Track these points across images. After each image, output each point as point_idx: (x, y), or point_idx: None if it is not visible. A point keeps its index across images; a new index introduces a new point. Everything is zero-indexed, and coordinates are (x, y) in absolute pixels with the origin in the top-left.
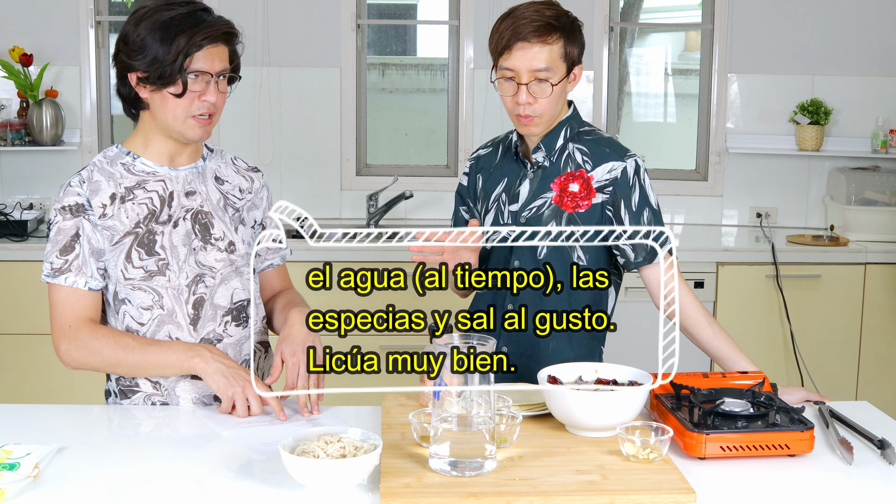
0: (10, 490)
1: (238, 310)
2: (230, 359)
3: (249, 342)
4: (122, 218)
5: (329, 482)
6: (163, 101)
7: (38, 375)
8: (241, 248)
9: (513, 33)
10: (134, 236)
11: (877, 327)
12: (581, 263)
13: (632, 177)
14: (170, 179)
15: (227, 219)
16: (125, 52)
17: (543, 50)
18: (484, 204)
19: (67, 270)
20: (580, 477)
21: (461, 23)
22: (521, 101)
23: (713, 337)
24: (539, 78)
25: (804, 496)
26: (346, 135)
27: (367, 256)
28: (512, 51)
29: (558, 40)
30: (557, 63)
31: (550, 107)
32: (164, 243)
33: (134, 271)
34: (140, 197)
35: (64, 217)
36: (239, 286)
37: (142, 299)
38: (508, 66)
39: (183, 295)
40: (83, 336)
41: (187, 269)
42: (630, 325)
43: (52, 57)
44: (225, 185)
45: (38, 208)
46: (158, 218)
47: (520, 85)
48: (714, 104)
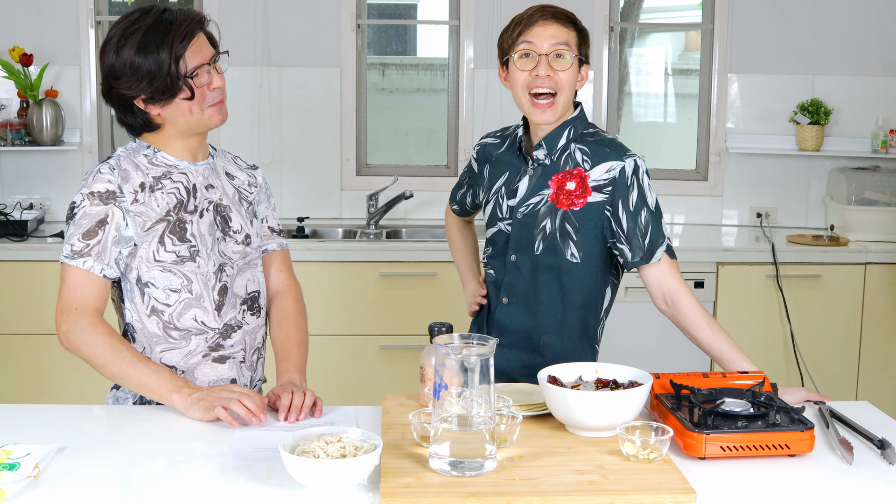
0: (10, 490)
1: (252, 299)
2: (209, 388)
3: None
4: (154, 206)
5: (329, 482)
6: (177, 109)
7: (38, 375)
8: (255, 241)
9: (532, 16)
10: (166, 223)
11: (877, 327)
12: (575, 261)
13: (630, 176)
14: (191, 173)
15: (242, 212)
16: (120, 84)
17: (562, 30)
18: (486, 194)
19: (87, 254)
20: (580, 477)
21: (461, 23)
22: (542, 73)
23: (713, 337)
24: (558, 53)
25: (804, 496)
26: (346, 135)
27: (368, 256)
28: (533, 27)
29: (574, 32)
30: (573, 47)
31: (568, 85)
32: (193, 231)
33: (165, 255)
34: (168, 187)
35: (92, 202)
36: (251, 277)
37: (170, 281)
38: (528, 39)
39: (210, 281)
40: (84, 324)
41: (214, 258)
42: (630, 325)
43: (52, 57)
44: (235, 179)
45: (38, 208)
46: (186, 207)
47: (539, 56)
48: (714, 104)
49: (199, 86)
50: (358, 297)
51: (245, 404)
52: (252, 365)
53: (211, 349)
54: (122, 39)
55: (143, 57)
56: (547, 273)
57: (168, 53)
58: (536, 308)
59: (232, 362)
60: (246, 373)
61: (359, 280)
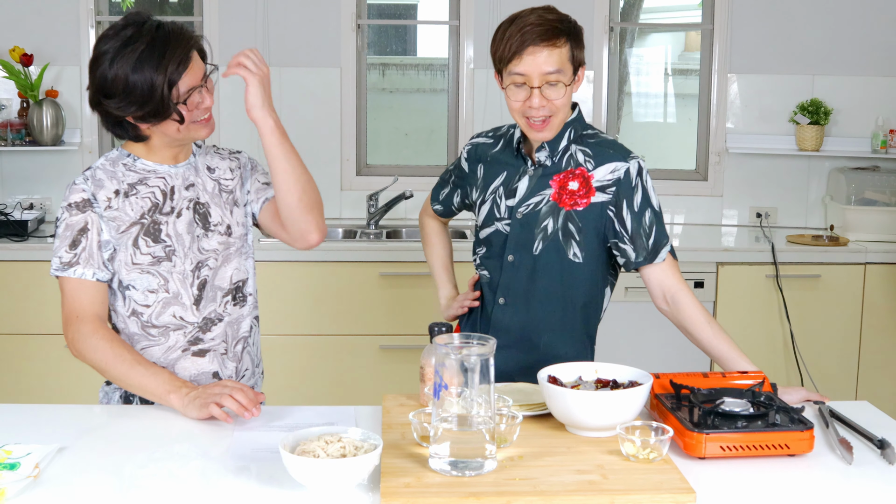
0: (10, 490)
1: (236, 289)
2: (204, 386)
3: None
4: (127, 210)
5: (329, 482)
6: (166, 128)
7: (38, 375)
8: (236, 231)
9: (521, 40)
10: (140, 226)
11: (877, 327)
12: (577, 261)
13: (634, 177)
14: (170, 176)
15: (222, 204)
16: (111, 103)
17: (553, 53)
18: (481, 195)
19: (76, 263)
20: (580, 477)
21: (461, 23)
22: (535, 104)
23: (713, 337)
24: (550, 81)
25: (804, 496)
26: (346, 135)
27: (368, 256)
28: (522, 56)
29: (565, 43)
30: (566, 65)
31: (562, 107)
32: (169, 232)
33: (142, 257)
34: (143, 192)
35: (71, 213)
36: (238, 266)
37: (148, 283)
38: (519, 72)
39: (188, 279)
40: (86, 330)
41: (192, 256)
42: (630, 325)
43: (52, 57)
44: (216, 172)
45: (38, 208)
46: (162, 210)
47: (532, 89)
48: (714, 104)
49: (190, 108)
50: (358, 297)
51: (237, 398)
52: (236, 356)
53: (190, 343)
54: (116, 57)
55: (137, 80)
56: (546, 273)
57: (163, 77)
58: (535, 308)
59: (213, 355)
60: (229, 364)
61: (359, 280)
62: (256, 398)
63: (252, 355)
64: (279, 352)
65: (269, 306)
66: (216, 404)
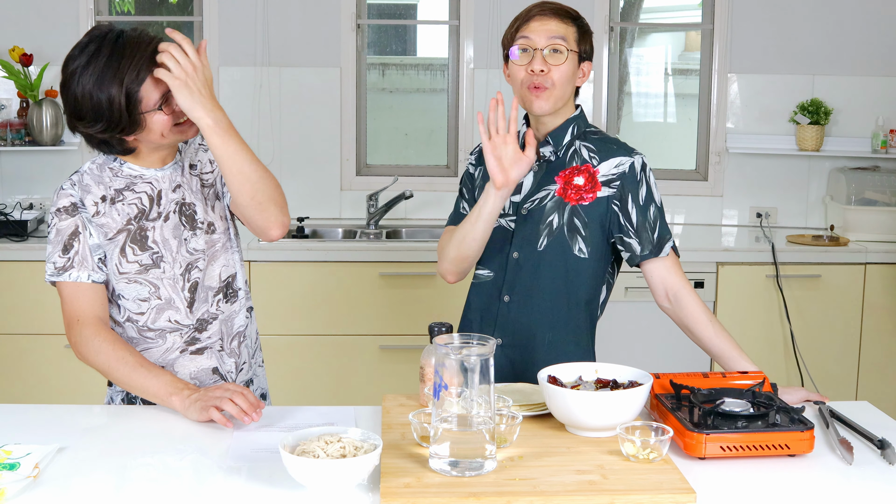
0: (10, 490)
1: (226, 286)
2: (206, 388)
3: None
4: (114, 216)
5: (329, 482)
6: (149, 135)
7: (38, 375)
8: (219, 227)
9: (534, 11)
10: (126, 233)
11: (877, 327)
12: (582, 256)
13: (639, 172)
14: (156, 180)
15: (204, 200)
16: (81, 125)
17: (561, 25)
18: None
19: (70, 267)
20: (580, 477)
21: (461, 23)
22: (536, 67)
23: (714, 335)
24: (554, 48)
25: (804, 496)
26: (346, 135)
27: (368, 256)
28: (531, 22)
29: (574, 27)
30: (571, 43)
31: (562, 81)
32: (155, 238)
33: (129, 265)
34: (129, 198)
35: (61, 218)
36: (226, 263)
37: (137, 292)
38: (526, 35)
39: (178, 283)
40: (87, 333)
41: (180, 259)
42: (630, 325)
43: (52, 57)
44: (197, 167)
45: (38, 208)
46: (149, 215)
47: (535, 51)
48: (714, 104)
49: (167, 113)
50: (358, 297)
51: (237, 402)
52: (233, 351)
53: (187, 343)
54: (82, 76)
55: (101, 96)
56: (551, 269)
57: (118, 90)
58: (539, 305)
59: (210, 352)
60: (227, 360)
61: (359, 280)
62: (257, 403)
63: (248, 348)
64: (279, 352)
65: (269, 306)
66: (216, 408)
